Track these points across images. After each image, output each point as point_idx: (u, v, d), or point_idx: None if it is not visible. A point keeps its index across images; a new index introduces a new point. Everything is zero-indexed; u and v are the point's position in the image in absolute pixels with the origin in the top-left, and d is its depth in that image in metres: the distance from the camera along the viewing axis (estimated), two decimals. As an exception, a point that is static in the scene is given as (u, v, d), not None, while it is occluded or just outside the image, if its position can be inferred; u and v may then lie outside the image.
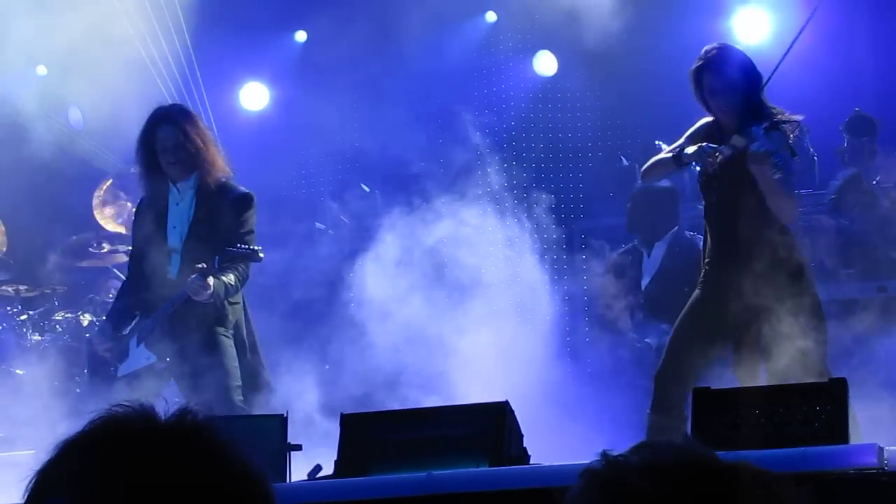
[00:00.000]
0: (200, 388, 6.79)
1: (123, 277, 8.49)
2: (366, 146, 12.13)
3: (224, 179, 7.03)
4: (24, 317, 10.24)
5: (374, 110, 12.16)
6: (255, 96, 12.32)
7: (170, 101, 7.67)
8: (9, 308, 10.31)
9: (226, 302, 6.98)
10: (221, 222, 6.90)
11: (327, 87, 12.18)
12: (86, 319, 10.18)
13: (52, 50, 10.91)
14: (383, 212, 11.53)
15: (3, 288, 10.45)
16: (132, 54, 11.67)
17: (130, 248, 7.43)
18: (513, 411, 5.54)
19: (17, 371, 9.73)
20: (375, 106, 12.15)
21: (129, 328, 7.09)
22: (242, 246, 6.82)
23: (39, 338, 10.14)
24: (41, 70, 12.84)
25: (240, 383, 7.03)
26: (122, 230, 10.80)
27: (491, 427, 5.47)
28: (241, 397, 7.02)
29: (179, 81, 10.84)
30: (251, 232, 7.00)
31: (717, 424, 5.31)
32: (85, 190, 11.63)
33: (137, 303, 7.14)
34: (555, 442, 7.16)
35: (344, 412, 5.85)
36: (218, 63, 12.01)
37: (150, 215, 7.07)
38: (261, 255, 6.88)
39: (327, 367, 10.20)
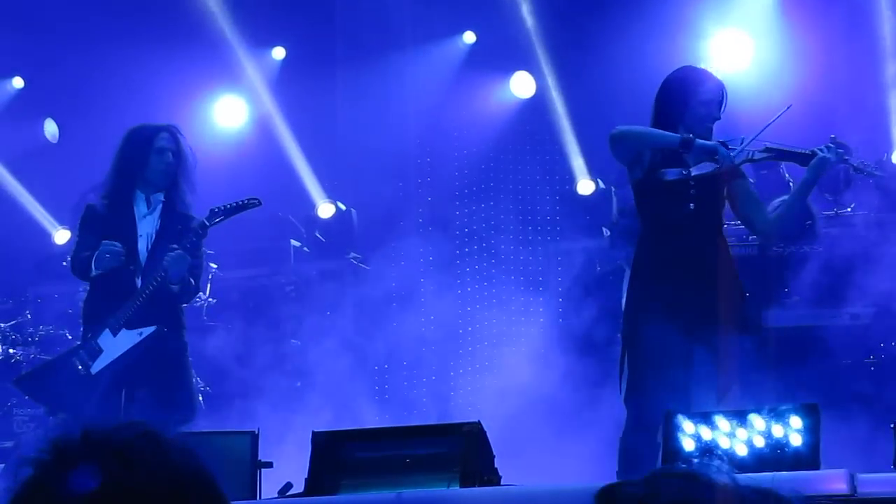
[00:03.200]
0: (161, 396, 6.92)
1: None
2: (344, 163, 12.14)
3: (188, 206, 7.22)
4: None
5: (353, 128, 12.15)
6: (231, 111, 12.29)
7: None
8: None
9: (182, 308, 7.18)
10: (183, 243, 7.03)
11: (305, 104, 12.17)
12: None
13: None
14: (359, 231, 11.56)
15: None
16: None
17: (78, 244, 7.33)
18: (484, 431, 5.53)
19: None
20: (354, 123, 12.15)
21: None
22: (231, 203, 7.12)
23: (12, 351, 10.08)
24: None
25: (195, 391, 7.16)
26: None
27: (462, 447, 5.46)
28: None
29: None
30: (202, 257, 7.39)
31: (690, 447, 5.32)
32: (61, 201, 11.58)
33: (102, 301, 7.17)
34: (528, 463, 7.16)
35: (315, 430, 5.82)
36: (192, 77, 12.01)
37: (114, 220, 7.12)
38: (258, 201, 7.30)
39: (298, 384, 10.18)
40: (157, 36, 12.06)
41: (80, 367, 7.02)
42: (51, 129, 12.59)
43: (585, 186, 11.09)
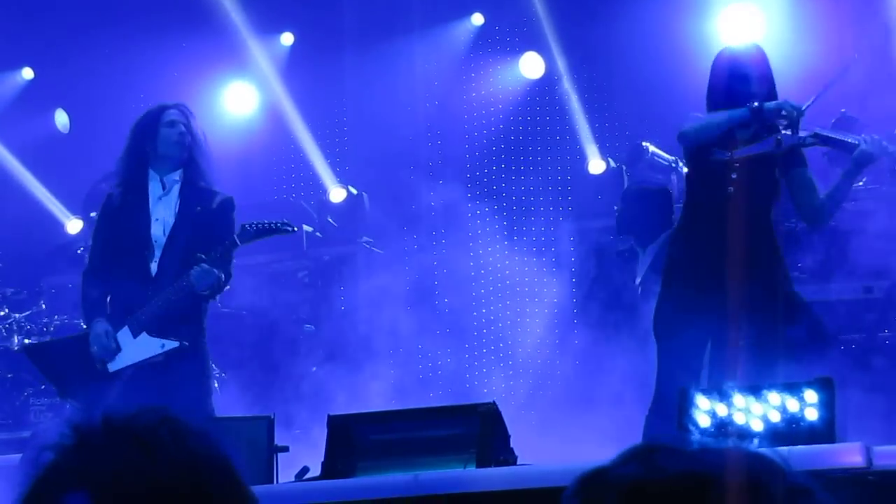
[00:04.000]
0: (180, 388, 6.63)
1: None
2: (354, 148, 12.16)
3: (208, 181, 6.94)
4: (9, 321, 10.20)
5: (363, 112, 12.17)
6: (241, 98, 12.29)
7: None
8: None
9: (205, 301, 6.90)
10: (211, 221, 6.79)
11: (314, 89, 12.18)
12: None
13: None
14: (371, 215, 11.57)
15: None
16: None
17: (94, 236, 7.14)
18: (500, 412, 5.54)
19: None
20: (364, 107, 12.16)
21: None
22: (263, 221, 6.82)
23: (27, 341, 10.11)
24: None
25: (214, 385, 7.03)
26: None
27: (478, 428, 5.47)
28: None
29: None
30: (234, 231, 6.91)
31: (706, 423, 5.32)
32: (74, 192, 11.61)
33: (108, 294, 6.88)
34: (543, 443, 7.17)
35: (331, 413, 5.85)
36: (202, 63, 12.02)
37: (127, 208, 6.85)
38: (293, 227, 7.03)
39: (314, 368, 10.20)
40: (166, 24, 12.08)
41: (97, 360, 6.76)
42: (62, 119, 12.61)
43: (596, 166, 11.08)
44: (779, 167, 6.32)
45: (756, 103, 6.17)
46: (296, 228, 7.01)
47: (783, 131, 6.22)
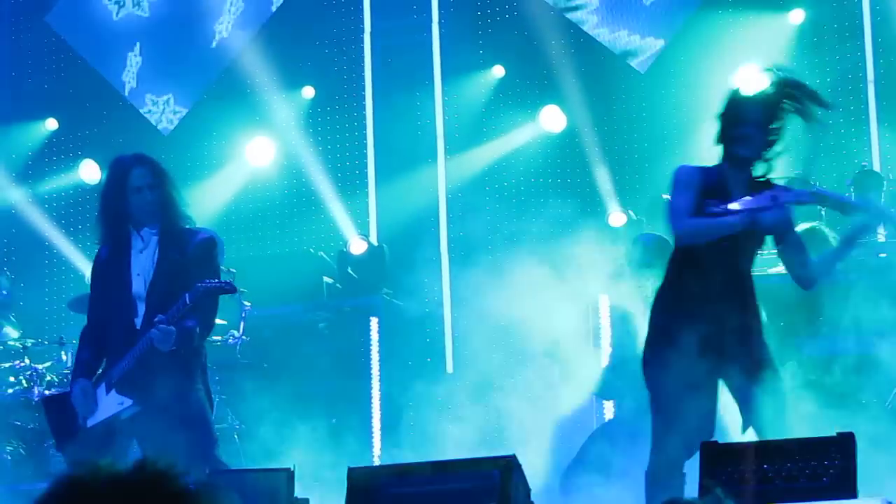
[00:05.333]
0: (174, 442, 6.48)
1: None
2: (375, 200, 12.20)
3: (187, 225, 6.88)
4: (29, 372, 10.22)
5: (383, 163, 12.22)
6: (263, 151, 12.35)
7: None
8: (17, 362, 10.31)
9: (196, 350, 6.78)
10: (187, 266, 6.70)
11: (335, 141, 12.26)
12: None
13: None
14: (391, 267, 11.59)
15: (10, 342, 10.47)
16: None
17: (89, 294, 7.14)
18: (520, 465, 5.52)
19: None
20: (384, 159, 12.22)
21: (94, 379, 6.87)
22: (213, 280, 6.62)
23: (48, 392, 10.13)
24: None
25: (216, 436, 6.86)
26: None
27: (497, 481, 5.45)
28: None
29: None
30: (217, 272, 6.83)
31: (726, 480, 5.29)
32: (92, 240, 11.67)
33: (101, 353, 6.86)
34: (564, 499, 7.14)
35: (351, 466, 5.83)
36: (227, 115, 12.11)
37: (112, 264, 6.84)
38: (233, 286, 6.70)
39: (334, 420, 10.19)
40: (188, 77, 12.18)
41: (80, 416, 6.77)
42: (90, 170, 12.65)
43: (617, 219, 11.09)
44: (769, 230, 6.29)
45: (750, 214, 6.10)
46: (237, 290, 6.81)
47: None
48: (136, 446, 6.85)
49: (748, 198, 6.21)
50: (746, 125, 6.29)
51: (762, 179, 6.26)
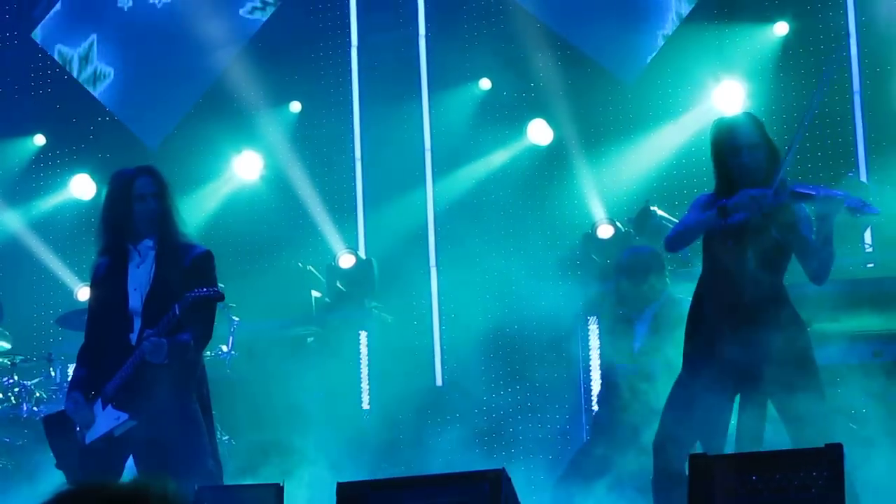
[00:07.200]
0: (169, 456, 6.51)
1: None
2: (363, 213, 12.21)
3: (183, 240, 6.85)
4: (18, 388, 10.20)
5: (371, 177, 12.24)
6: (251, 165, 12.35)
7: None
8: (5, 379, 10.29)
9: (192, 361, 6.74)
10: (184, 280, 6.65)
11: (322, 155, 12.27)
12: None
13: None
14: (380, 281, 11.60)
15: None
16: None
17: (88, 310, 7.12)
18: (509, 478, 5.52)
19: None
20: (372, 172, 12.23)
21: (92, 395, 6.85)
22: (201, 289, 6.60)
23: (36, 409, 10.12)
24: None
25: (209, 449, 6.82)
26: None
27: (486, 495, 5.45)
28: (215, 461, 6.83)
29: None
30: (214, 285, 6.75)
31: (715, 491, 5.30)
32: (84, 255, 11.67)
33: (98, 370, 6.79)
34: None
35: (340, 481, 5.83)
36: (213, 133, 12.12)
37: (110, 279, 6.80)
38: (221, 293, 6.64)
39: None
40: (177, 93, 12.18)
41: (77, 430, 6.76)
42: (81, 185, 12.64)
43: (605, 230, 11.10)
44: (776, 229, 6.35)
45: (722, 201, 6.27)
46: (224, 296, 6.77)
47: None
48: (132, 461, 6.84)
49: (739, 212, 6.31)
50: (741, 153, 6.37)
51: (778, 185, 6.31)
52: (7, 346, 10.93)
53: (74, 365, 6.98)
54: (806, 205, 6.43)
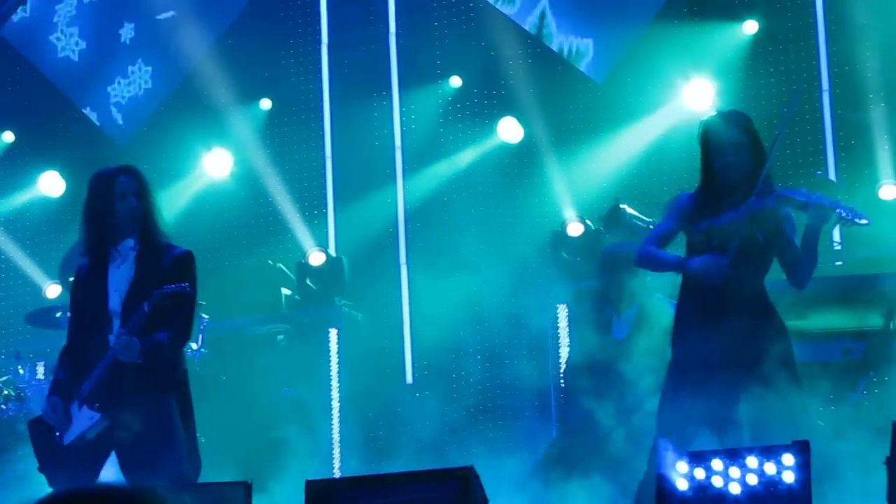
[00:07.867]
0: (144, 455, 6.49)
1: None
2: (333, 211, 12.19)
3: (164, 241, 6.83)
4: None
5: (341, 174, 12.22)
6: (220, 163, 12.31)
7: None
8: (-27, 377, 10.25)
9: (169, 362, 6.71)
10: (163, 281, 6.62)
11: (292, 152, 12.25)
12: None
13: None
14: (350, 278, 11.59)
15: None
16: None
17: (70, 310, 7.09)
18: (478, 476, 5.53)
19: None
20: (342, 170, 12.22)
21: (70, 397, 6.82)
22: (170, 286, 6.57)
23: (3, 407, 10.06)
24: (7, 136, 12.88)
25: (185, 452, 6.77)
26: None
27: (456, 492, 5.46)
28: (193, 462, 6.80)
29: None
30: (194, 287, 6.75)
31: (681, 490, 5.32)
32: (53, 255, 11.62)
33: (78, 372, 6.76)
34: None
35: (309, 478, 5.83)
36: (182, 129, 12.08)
37: (91, 280, 6.78)
38: (190, 291, 6.61)
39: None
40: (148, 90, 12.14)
41: (56, 432, 6.72)
42: (50, 182, 12.58)
43: (575, 228, 11.11)
44: (760, 232, 6.37)
45: (681, 257, 6.49)
46: (189, 293, 6.76)
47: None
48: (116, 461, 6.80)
49: (724, 214, 6.35)
50: (727, 152, 6.38)
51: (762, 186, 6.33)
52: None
53: (55, 365, 6.94)
54: (795, 213, 6.44)
